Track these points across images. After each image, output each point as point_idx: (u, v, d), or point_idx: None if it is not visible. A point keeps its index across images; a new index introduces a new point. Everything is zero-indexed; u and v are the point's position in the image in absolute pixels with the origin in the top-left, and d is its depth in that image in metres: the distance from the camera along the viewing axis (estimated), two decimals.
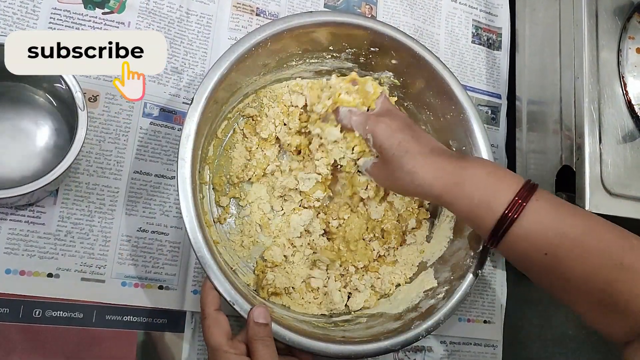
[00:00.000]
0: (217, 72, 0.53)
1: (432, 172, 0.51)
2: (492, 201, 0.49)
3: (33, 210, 0.55)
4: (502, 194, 0.49)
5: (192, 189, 0.50)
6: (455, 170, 0.51)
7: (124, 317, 0.57)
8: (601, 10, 0.64)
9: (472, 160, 0.53)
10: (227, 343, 0.47)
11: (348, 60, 0.65)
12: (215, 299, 0.49)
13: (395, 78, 0.65)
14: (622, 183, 0.60)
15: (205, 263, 0.49)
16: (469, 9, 0.79)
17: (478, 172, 0.51)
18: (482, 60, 0.78)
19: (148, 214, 0.59)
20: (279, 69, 0.63)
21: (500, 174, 0.51)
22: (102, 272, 0.56)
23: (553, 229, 0.48)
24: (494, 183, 0.50)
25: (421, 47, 0.61)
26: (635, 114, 0.63)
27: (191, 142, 0.51)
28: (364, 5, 0.73)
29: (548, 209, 0.48)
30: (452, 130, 0.63)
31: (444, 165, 0.51)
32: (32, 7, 0.58)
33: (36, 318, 0.54)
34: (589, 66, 0.62)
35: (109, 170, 0.58)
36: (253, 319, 0.48)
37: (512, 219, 0.48)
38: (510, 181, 0.50)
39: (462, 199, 0.50)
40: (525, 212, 0.48)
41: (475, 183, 0.50)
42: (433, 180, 0.51)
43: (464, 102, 0.62)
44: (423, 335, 0.54)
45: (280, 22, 0.57)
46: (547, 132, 0.67)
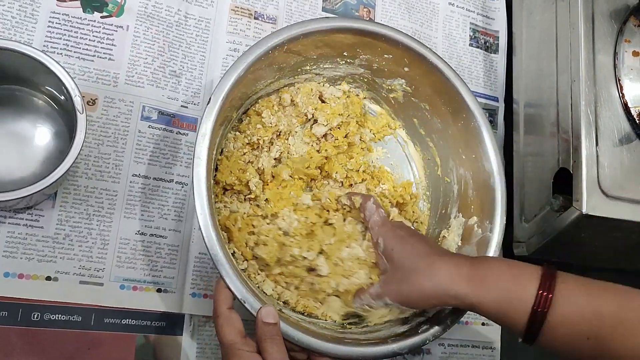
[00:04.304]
0: (234, 73, 0.54)
1: (451, 269, 0.49)
2: (519, 297, 0.46)
3: (31, 213, 0.55)
4: (526, 289, 0.46)
5: (207, 187, 0.51)
6: (473, 265, 0.49)
7: (123, 320, 0.57)
8: (597, 13, 0.64)
9: (486, 257, 0.53)
10: (240, 341, 0.47)
11: (361, 67, 0.65)
12: (227, 298, 0.49)
13: (407, 85, 0.66)
14: (619, 185, 0.60)
15: (218, 261, 0.49)
16: (466, 12, 0.79)
17: (496, 266, 0.49)
18: (480, 64, 0.78)
19: (146, 217, 0.59)
20: (294, 74, 0.64)
21: (517, 268, 0.49)
22: (100, 275, 0.56)
23: (588, 311, 0.45)
24: (515, 277, 0.48)
25: (434, 55, 0.62)
26: (632, 117, 0.63)
27: (207, 141, 0.51)
28: (362, 8, 0.73)
29: (576, 292, 0.46)
30: (463, 139, 0.64)
31: (461, 262, 0.50)
32: (31, 10, 0.58)
33: (35, 321, 0.54)
34: (585, 69, 0.62)
35: (108, 173, 0.58)
36: (261, 318, 0.49)
37: (543, 313, 0.45)
38: (529, 274, 0.47)
39: (488, 296, 0.48)
40: (555, 302, 0.45)
41: (496, 277, 0.48)
42: (454, 277, 0.49)
43: (475, 110, 0.62)
44: (430, 340, 0.54)
45: (297, 26, 0.57)
46: (544, 135, 0.67)
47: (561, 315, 0.45)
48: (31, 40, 0.58)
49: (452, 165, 0.66)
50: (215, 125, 0.52)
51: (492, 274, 0.48)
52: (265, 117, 0.62)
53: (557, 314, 0.45)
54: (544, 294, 0.46)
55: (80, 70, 0.59)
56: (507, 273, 0.48)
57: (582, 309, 0.45)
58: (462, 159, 0.65)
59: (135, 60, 0.61)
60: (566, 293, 0.46)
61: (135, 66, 0.61)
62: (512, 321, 0.47)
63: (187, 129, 0.62)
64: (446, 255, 0.52)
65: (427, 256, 0.51)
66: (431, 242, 0.54)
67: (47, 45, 0.58)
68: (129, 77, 0.60)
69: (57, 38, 0.58)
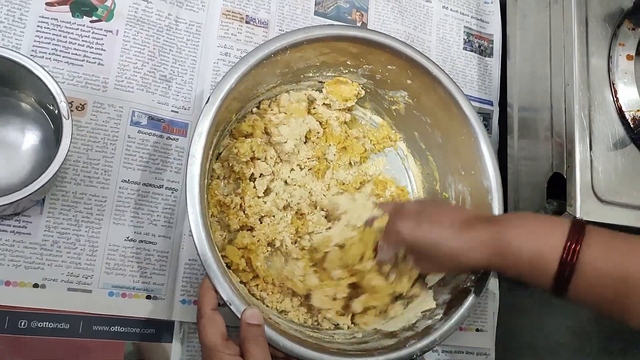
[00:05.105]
0: (234, 75, 0.53)
1: (472, 247, 0.50)
2: (545, 252, 0.47)
3: (19, 220, 0.54)
4: (555, 241, 0.47)
5: (200, 187, 0.50)
6: (494, 235, 0.50)
7: (112, 328, 0.56)
8: (591, 17, 0.64)
9: (507, 218, 0.53)
10: (221, 343, 0.47)
11: (364, 77, 0.65)
12: (212, 299, 0.49)
13: (409, 98, 0.65)
14: (613, 190, 0.60)
15: (206, 261, 0.49)
16: (460, 15, 0.79)
17: (518, 228, 0.49)
18: (474, 67, 0.78)
19: (136, 223, 0.58)
20: (296, 79, 0.63)
21: (540, 222, 0.50)
22: (89, 282, 0.56)
23: (614, 269, 0.45)
24: (539, 233, 0.48)
25: (437, 68, 0.62)
26: (626, 121, 0.62)
27: (203, 140, 0.51)
28: (355, 12, 0.73)
29: (604, 248, 0.46)
30: (463, 155, 0.64)
31: (480, 234, 0.50)
32: (19, 15, 0.58)
33: (22, 329, 0.53)
34: (579, 73, 0.62)
35: (97, 179, 0.57)
36: (246, 319, 0.48)
37: (572, 264, 0.46)
38: (556, 226, 0.48)
39: (512, 261, 0.49)
40: (582, 255, 0.46)
41: (519, 240, 0.48)
42: (476, 255, 0.50)
43: (476, 126, 0.62)
44: (417, 354, 0.53)
45: (301, 32, 0.57)
46: (538, 139, 0.66)
47: (589, 270, 0.46)
48: (19, 44, 0.57)
49: (451, 180, 0.66)
50: (212, 125, 0.52)
51: (515, 241, 0.48)
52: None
53: (584, 269, 0.46)
54: (572, 246, 0.46)
55: (69, 75, 0.58)
56: (528, 236, 0.48)
57: (608, 267, 0.45)
58: (461, 174, 0.64)
59: (125, 65, 0.60)
60: (595, 247, 0.46)
61: (124, 71, 0.60)
62: (540, 278, 0.48)
63: (178, 134, 0.62)
64: (464, 232, 0.51)
65: (445, 241, 0.52)
66: (438, 212, 0.54)
67: (35, 50, 0.58)
68: (118, 82, 0.60)
69: (45, 43, 0.58)
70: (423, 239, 0.53)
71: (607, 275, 0.46)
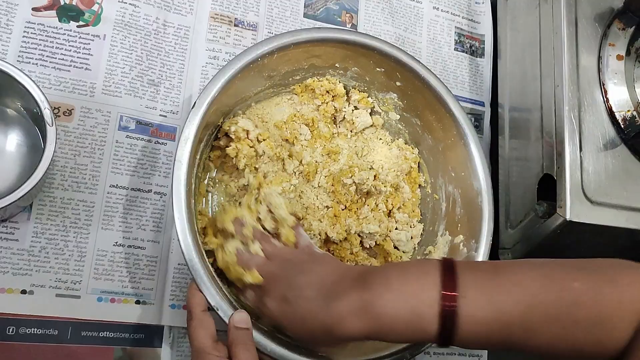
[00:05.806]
0: (221, 79, 0.54)
1: (343, 318, 0.45)
2: (421, 311, 0.43)
3: (6, 226, 0.54)
4: (427, 297, 0.43)
5: (186, 191, 0.50)
6: (363, 304, 0.45)
7: (101, 333, 0.56)
8: (581, 17, 0.63)
9: (372, 277, 0.46)
10: (211, 345, 0.47)
11: (353, 79, 0.65)
12: (202, 300, 0.49)
13: (399, 100, 0.65)
14: (603, 191, 0.59)
15: (193, 267, 0.49)
16: (451, 16, 0.79)
17: (386, 293, 0.44)
18: (465, 68, 0.78)
19: (124, 228, 0.58)
20: (284, 83, 0.63)
21: (406, 276, 0.45)
22: (77, 287, 0.55)
23: (492, 316, 0.43)
24: (409, 291, 0.44)
25: (426, 70, 0.62)
26: (616, 121, 0.62)
27: (189, 145, 0.51)
28: (345, 14, 0.73)
29: (479, 293, 0.43)
30: (453, 156, 0.64)
31: (348, 303, 0.45)
32: (6, 20, 0.57)
33: (9, 335, 0.53)
34: (568, 73, 0.61)
35: (84, 184, 0.57)
36: (234, 323, 0.48)
37: (452, 321, 0.43)
38: (425, 277, 0.44)
39: (389, 327, 0.44)
40: (460, 301, 0.43)
41: (391, 307, 0.44)
42: (349, 325, 0.45)
43: (466, 127, 0.62)
44: (407, 357, 0.53)
45: (288, 35, 0.57)
46: (529, 140, 0.66)
47: (471, 321, 0.43)
48: (6, 50, 0.57)
49: (442, 182, 0.66)
50: (199, 129, 0.52)
51: (388, 300, 0.44)
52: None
53: (466, 321, 0.43)
54: (447, 302, 0.43)
55: (57, 80, 0.58)
56: (403, 289, 0.44)
57: (488, 317, 0.43)
58: (452, 176, 0.64)
59: (113, 69, 0.60)
60: (471, 296, 0.43)
61: (112, 75, 0.60)
62: (424, 334, 0.44)
63: (166, 139, 0.61)
64: (332, 300, 0.46)
65: (314, 316, 0.47)
66: (302, 282, 0.49)
67: (22, 56, 0.57)
68: (106, 86, 0.60)
69: (32, 48, 0.58)
70: (291, 319, 0.48)
71: (489, 324, 0.43)
